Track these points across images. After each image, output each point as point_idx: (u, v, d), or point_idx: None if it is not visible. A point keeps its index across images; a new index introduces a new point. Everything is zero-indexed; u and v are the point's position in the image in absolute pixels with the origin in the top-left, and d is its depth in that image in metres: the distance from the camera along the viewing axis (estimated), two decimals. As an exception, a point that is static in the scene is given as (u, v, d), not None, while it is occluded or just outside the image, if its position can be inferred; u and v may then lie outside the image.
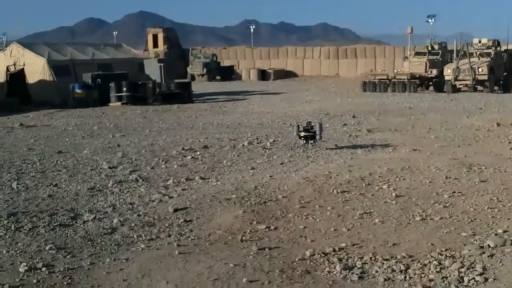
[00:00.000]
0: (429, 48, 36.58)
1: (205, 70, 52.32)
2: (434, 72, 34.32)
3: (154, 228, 7.40)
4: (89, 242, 6.84)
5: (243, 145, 13.76)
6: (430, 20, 53.63)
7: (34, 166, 11.68)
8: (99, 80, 27.84)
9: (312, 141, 12.99)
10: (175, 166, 11.39)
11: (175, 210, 8.06)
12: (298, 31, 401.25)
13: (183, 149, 13.27)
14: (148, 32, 62.70)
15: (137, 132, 17.01)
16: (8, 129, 18.25)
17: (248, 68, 55.65)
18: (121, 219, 7.71)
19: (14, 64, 29.17)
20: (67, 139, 15.64)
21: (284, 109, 23.65)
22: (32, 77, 28.87)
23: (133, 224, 7.53)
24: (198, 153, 12.72)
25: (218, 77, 53.25)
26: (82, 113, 23.30)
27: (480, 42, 34.42)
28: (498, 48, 34.32)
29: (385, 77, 34.22)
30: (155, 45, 60.70)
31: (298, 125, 13.19)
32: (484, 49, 33.71)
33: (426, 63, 34.73)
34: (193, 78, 51.46)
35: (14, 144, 14.84)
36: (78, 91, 27.33)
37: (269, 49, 60.63)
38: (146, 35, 63.16)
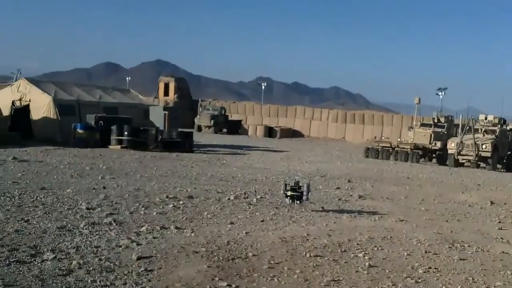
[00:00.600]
0: (435, 120, 36.56)
1: (212, 122, 52.51)
2: (438, 144, 34.20)
3: (111, 274, 7.15)
4: (40, 282, 6.60)
5: (229, 198, 13.54)
6: (440, 93, 53.91)
7: (12, 200, 11.51)
8: (101, 122, 27.91)
9: (298, 201, 12.75)
10: (154, 213, 11.17)
11: (139, 258, 7.82)
12: (311, 92, 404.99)
13: (167, 197, 13.08)
14: (160, 80, 63.39)
15: (127, 176, 16.84)
16: (0, 161, 18.12)
17: (256, 124, 55.82)
18: (81, 262, 7.48)
19: (20, 99, 29.33)
20: (55, 177, 15.49)
21: (282, 167, 23.47)
22: (36, 114, 28.96)
23: (91, 268, 7.28)
24: (182, 202, 12.51)
25: (224, 130, 53.42)
26: (80, 153, 23.21)
27: (486, 118, 34.38)
28: (504, 126, 34.26)
29: (389, 145, 34.14)
30: (166, 93, 61.25)
31: (286, 184, 12.98)
32: (490, 126, 33.65)
33: (431, 135, 34.66)
34: (200, 129, 51.68)
35: (0, 177, 14.69)
36: (79, 131, 27.36)
37: (278, 107, 60.93)
38: (158, 83, 63.82)
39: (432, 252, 9.39)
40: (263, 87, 78.41)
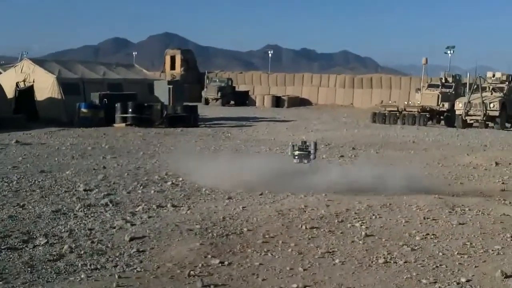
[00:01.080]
0: (443, 81, 36.14)
1: (219, 94, 52.29)
2: (446, 105, 33.86)
3: (103, 257, 7.11)
4: (29, 269, 6.57)
5: (229, 172, 13.46)
6: (448, 52, 53.06)
7: (10, 185, 11.50)
8: (105, 100, 27.80)
9: (305, 160, 12.56)
10: (152, 191, 11.13)
11: (131, 239, 7.77)
12: (320, 58, 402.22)
13: (166, 174, 13.03)
14: (166, 53, 63.11)
15: (129, 155, 16.81)
16: (2, 146, 18.14)
17: (263, 94, 55.55)
18: (73, 246, 7.45)
19: (24, 81, 29.29)
20: (56, 159, 15.47)
21: (287, 137, 23.29)
22: (41, 94, 28.93)
23: (82, 252, 7.25)
24: (181, 179, 12.44)
25: (232, 102, 53.19)
26: (84, 133, 23.19)
27: (494, 76, 33.89)
28: (513, 84, 33.78)
29: (395, 109, 33.87)
30: (172, 67, 61.00)
31: (293, 145, 12.83)
32: (498, 83, 33.19)
33: (438, 96, 34.31)
34: (207, 102, 51.53)
35: (1, 162, 14.70)
36: (84, 110, 27.28)
37: (285, 75, 60.57)
38: (164, 57, 63.57)
39: (431, 218, 9.27)
40: (270, 55, 77.83)
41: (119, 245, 7.57)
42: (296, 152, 12.52)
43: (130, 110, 27.14)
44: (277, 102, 52.83)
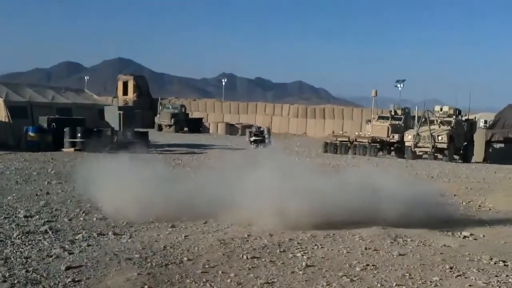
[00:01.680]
0: (392, 113, 36.85)
1: (172, 120, 52.14)
2: (396, 137, 34.43)
3: (37, 286, 6.92)
4: (-44, 300, 6.34)
5: (175, 200, 13.31)
6: (398, 85, 54.23)
7: None
8: (54, 124, 27.39)
9: (261, 144, 13.11)
10: (94, 219, 10.92)
11: (68, 268, 7.58)
12: (275, 87, 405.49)
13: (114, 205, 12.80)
14: (118, 79, 62.75)
15: (74, 181, 16.48)
16: None
17: (217, 122, 55.64)
18: (7, 275, 7.22)
19: (-31, 103, 28.63)
20: (-2, 184, 15.09)
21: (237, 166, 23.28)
22: (-13, 117, 28.31)
23: (16, 281, 7.02)
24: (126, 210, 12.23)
25: (186, 129, 53.05)
26: (31, 157, 22.71)
27: (441, 110, 34.79)
28: (459, 117, 34.65)
29: (347, 140, 34.28)
30: (125, 92, 60.64)
31: (250, 132, 13.34)
32: (445, 117, 34.01)
33: (388, 127, 34.89)
34: (160, 128, 51.29)
35: None
36: (31, 134, 26.78)
37: (239, 104, 60.88)
38: (116, 82, 63.16)
39: (372, 249, 9.34)
40: (223, 83, 78.19)
41: (55, 275, 7.36)
42: (253, 138, 13.10)
43: (79, 134, 26.79)
44: (231, 129, 52.94)
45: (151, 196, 11.16)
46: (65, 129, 26.77)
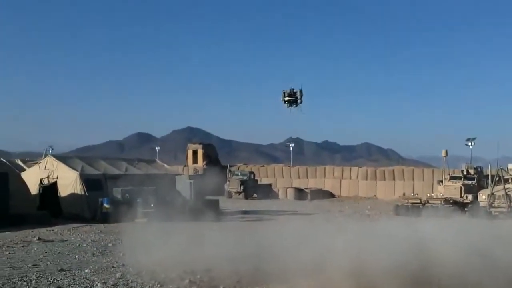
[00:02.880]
0: (465, 173, 36.06)
1: (242, 187, 52.50)
2: (470, 197, 33.59)
3: None
4: None
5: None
6: (469, 144, 53.12)
7: (29, 284, 11.53)
8: (127, 195, 28.10)
9: (294, 105, 14.40)
10: (169, 290, 11.06)
11: None
12: (342, 150, 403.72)
13: (184, 271, 12.95)
14: (188, 148, 64.06)
15: (148, 251, 16.76)
16: (25, 243, 18.28)
17: (286, 187, 55.68)
18: None
19: (48, 177, 29.77)
20: (76, 256, 15.53)
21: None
22: (64, 190, 29.33)
23: None
24: (198, 276, 12.35)
25: (255, 195, 53.26)
26: (106, 229, 23.33)
27: (515, 167, 33.81)
28: (535, 175, 33.54)
29: (418, 201, 33.67)
30: (195, 161, 61.76)
31: (284, 92, 14.77)
32: (520, 175, 33.00)
33: (461, 188, 34.13)
34: (230, 195, 51.72)
35: (22, 260, 14.80)
36: (106, 205, 27.59)
37: (307, 168, 60.87)
38: (186, 151, 64.46)
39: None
40: (291, 148, 78.56)
41: None
42: (286, 98, 14.96)
43: (152, 205, 27.34)
44: (300, 194, 52.81)
45: (226, 262, 11.31)
46: (138, 200, 27.40)
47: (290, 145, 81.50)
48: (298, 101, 14.25)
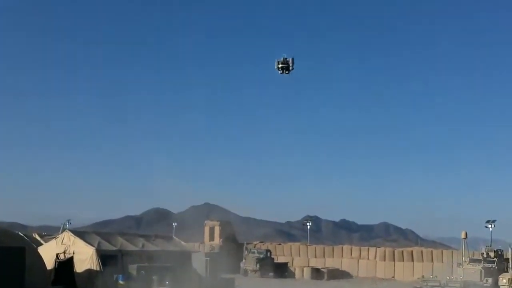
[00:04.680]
0: (485, 256, 35.56)
1: (258, 265, 52.09)
2: (490, 281, 33.04)
3: None
4: None
5: None
6: (489, 226, 52.55)
7: None
8: (143, 272, 28.05)
9: (286, 71, 16.11)
10: None
11: None
12: (360, 229, 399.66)
13: None
14: (205, 224, 64.07)
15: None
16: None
17: (302, 266, 55.11)
18: None
19: (64, 252, 29.81)
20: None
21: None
22: (80, 266, 29.28)
23: None
24: None
25: (271, 274, 52.66)
26: (120, 305, 23.12)
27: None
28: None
29: (437, 284, 33.15)
30: (211, 238, 61.65)
31: (278, 61, 16.80)
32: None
33: (481, 271, 33.63)
34: (246, 273, 51.22)
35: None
36: (121, 282, 27.53)
37: (324, 247, 60.31)
38: (203, 228, 64.45)
39: None
40: (308, 227, 78.04)
41: None
42: (280, 65, 16.91)
43: (167, 282, 27.22)
44: (317, 274, 52.15)
45: None
46: (153, 277, 27.33)
47: (308, 224, 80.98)
48: (290, 67, 16.14)
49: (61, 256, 29.82)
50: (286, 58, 17.07)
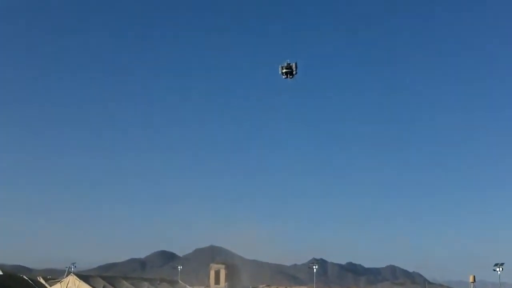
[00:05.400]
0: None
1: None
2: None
3: None
4: None
5: None
6: (497, 269, 52.19)
7: None
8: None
9: (290, 76, 15.49)
10: None
11: None
12: (367, 272, 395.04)
13: None
14: (210, 268, 64.17)
15: None
16: None
17: (309, 311, 54.52)
18: None
19: (69, 296, 29.72)
20: None
21: None
22: (83, 309, 29.22)
23: None
24: None
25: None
26: None
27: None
28: None
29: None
30: (217, 281, 61.46)
31: (281, 66, 15.70)
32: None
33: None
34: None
35: None
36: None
37: (331, 291, 59.75)
38: (208, 271, 64.03)
39: None
40: (314, 270, 77.37)
41: None
42: (284, 70, 16.07)
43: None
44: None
45: None
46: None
47: (314, 266, 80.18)
48: (294, 72, 16.06)
49: (66, 301, 29.75)
50: (289, 63, 17.20)
